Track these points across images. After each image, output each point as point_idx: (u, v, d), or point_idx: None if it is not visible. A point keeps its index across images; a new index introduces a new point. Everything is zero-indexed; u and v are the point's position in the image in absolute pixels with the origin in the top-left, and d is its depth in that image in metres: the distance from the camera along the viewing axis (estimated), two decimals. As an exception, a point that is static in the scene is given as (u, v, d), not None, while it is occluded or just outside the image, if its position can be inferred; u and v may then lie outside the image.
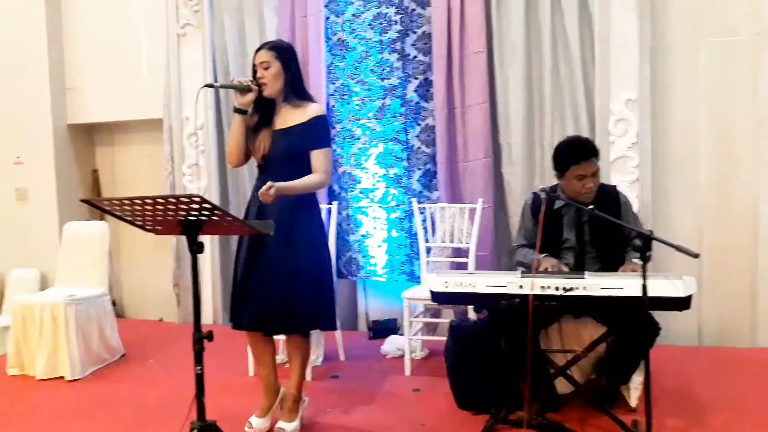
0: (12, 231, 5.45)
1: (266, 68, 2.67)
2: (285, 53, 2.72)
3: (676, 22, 4.01)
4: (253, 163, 2.88)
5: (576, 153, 2.82)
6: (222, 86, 2.86)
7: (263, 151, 2.70)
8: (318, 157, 2.70)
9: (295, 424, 2.75)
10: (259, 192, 2.54)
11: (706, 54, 3.98)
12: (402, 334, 3.84)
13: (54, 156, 5.32)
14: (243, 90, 2.67)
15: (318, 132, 2.72)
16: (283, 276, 2.64)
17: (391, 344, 4.01)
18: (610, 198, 2.92)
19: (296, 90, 2.74)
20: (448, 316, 3.85)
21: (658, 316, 2.80)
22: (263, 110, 2.74)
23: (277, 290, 2.63)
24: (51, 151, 5.31)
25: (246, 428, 2.76)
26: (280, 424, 2.73)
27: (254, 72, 2.71)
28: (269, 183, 2.52)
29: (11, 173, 5.42)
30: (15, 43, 5.33)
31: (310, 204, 2.79)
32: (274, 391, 2.83)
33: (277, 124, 2.73)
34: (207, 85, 2.78)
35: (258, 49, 2.74)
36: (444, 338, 3.18)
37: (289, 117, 2.71)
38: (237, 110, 2.71)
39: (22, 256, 5.36)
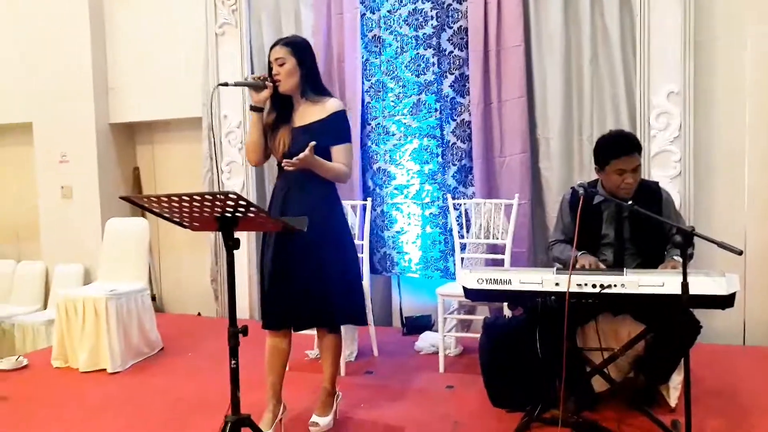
0: (57, 228, 5.62)
1: (281, 64, 2.62)
2: (300, 49, 2.68)
3: (721, 12, 3.89)
4: None
5: (617, 147, 2.75)
6: (236, 84, 2.78)
7: (283, 149, 2.65)
8: (340, 153, 2.67)
9: (329, 418, 2.75)
10: (285, 160, 2.53)
11: (752, 44, 3.86)
12: (436, 331, 3.82)
13: (97, 154, 5.47)
14: (257, 87, 2.64)
15: (338, 127, 2.69)
16: (312, 272, 2.62)
17: (425, 341, 3.99)
18: (651, 194, 2.84)
19: (313, 85, 2.70)
20: (482, 312, 3.82)
21: (700, 314, 2.73)
22: (281, 107, 2.71)
23: (306, 287, 2.61)
24: (94, 150, 5.46)
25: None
26: (314, 418, 2.73)
27: (270, 69, 2.68)
28: (303, 153, 2.50)
29: (57, 171, 5.59)
30: (60, 46, 5.49)
31: (333, 201, 2.75)
32: (278, 402, 2.74)
33: (296, 121, 2.69)
34: (221, 84, 2.76)
35: (273, 46, 2.69)
36: (478, 335, 3.15)
37: (307, 113, 2.67)
38: (253, 108, 2.69)
39: (66, 252, 5.53)
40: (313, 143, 2.52)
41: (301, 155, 2.51)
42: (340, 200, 2.83)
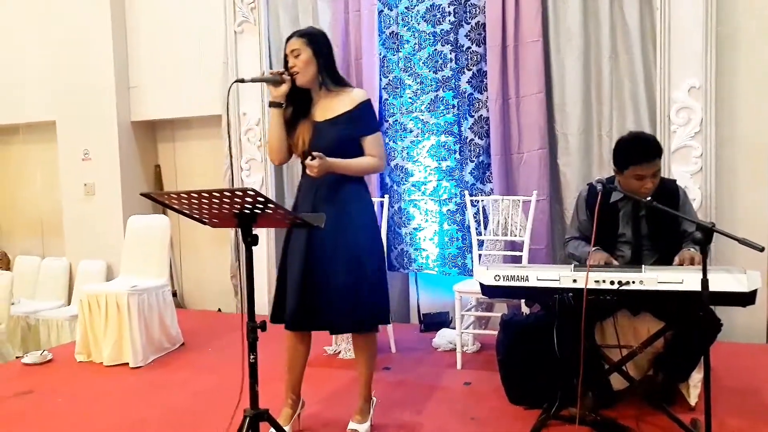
0: (80, 225, 5.72)
1: (297, 56, 2.53)
2: (316, 39, 2.58)
3: (744, 4, 3.83)
4: None
5: (637, 153, 2.67)
6: (253, 80, 2.67)
7: (303, 146, 2.55)
8: (372, 143, 2.58)
9: (367, 425, 2.69)
10: (306, 162, 2.43)
11: (776, 37, 3.79)
12: (453, 328, 3.82)
13: (119, 152, 5.55)
14: (275, 82, 2.54)
15: (368, 117, 2.61)
16: (349, 269, 2.52)
17: (442, 337, 4.00)
18: (669, 192, 2.80)
19: (332, 76, 2.59)
20: (500, 309, 3.81)
21: (722, 311, 2.69)
22: (298, 102, 2.60)
23: (344, 285, 2.51)
24: (116, 148, 5.54)
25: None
26: (352, 425, 2.67)
27: (285, 62, 2.58)
28: (316, 153, 2.40)
29: (80, 169, 5.68)
30: (82, 45, 5.58)
31: (363, 196, 2.68)
32: (297, 398, 2.73)
33: (317, 115, 2.58)
34: (237, 81, 2.60)
35: (288, 38, 2.60)
36: (496, 332, 3.15)
37: (331, 106, 2.57)
38: (272, 104, 2.58)
39: (89, 249, 5.63)
40: (317, 154, 2.42)
41: (313, 166, 2.42)
42: (370, 195, 2.74)
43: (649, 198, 2.58)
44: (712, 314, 2.56)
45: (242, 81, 2.57)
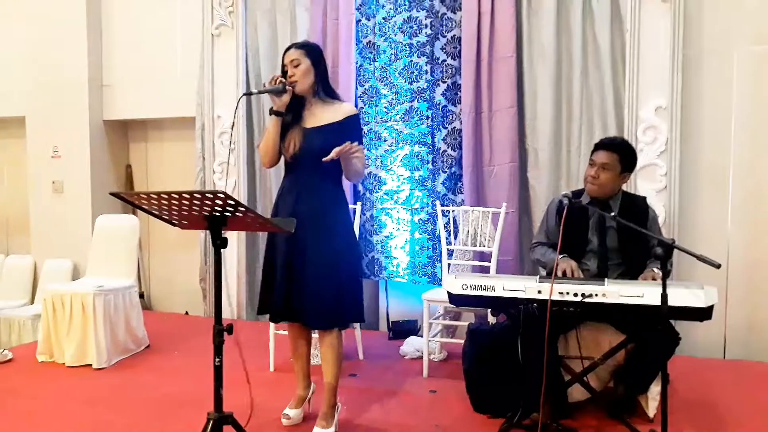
0: (47, 222, 5.62)
1: (296, 66, 2.71)
2: (313, 51, 2.78)
3: (709, 29, 3.97)
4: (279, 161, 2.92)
5: (599, 142, 2.98)
6: (260, 92, 2.84)
7: (294, 150, 2.72)
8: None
9: (332, 429, 2.74)
10: (338, 149, 2.55)
11: (740, 62, 3.93)
12: (421, 336, 3.85)
13: (90, 150, 5.48)
14: (280, 92, 2.70)
15: (355, 130, 2.77)
16: (325, 270, 2.66)
17: (410, 345, 4.03)
18: (637, 208, 2.91)
19: (326, 87, 2.79)
20: (468, 319, 3.86)
21: (681, 326, 2.77)
22: (292, 108, 2.77)
23: (320, 284, 2.66)
24: (87, 146, 5.47)
25: (283, 420, 2.82)
26: (317, 430, 2.72)
27: (283, 72, 2.76)
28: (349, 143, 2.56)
29: (49, 166, 5.59)
30: (55, 41, 5.50)
31: (342, 201, 2.83)
32: (308, 384, 2.93)
33: (307, 121, 2.76)
34: (246, 94, 2.85)
35: (287, 49, 2.79)
36: (463, 341, 3.19)
37: (321, 115, 2.74)
38: (275, 112, 2.74)
39: (56, 247, 5.53)
40: (355, 143, 2.61)
41: (346, 147, 2.56)
42: (347, 200, 2.93)
43: (614, 213, 2.65)
44: (671, 328, 2.63)
45: (250, 94, 2.84)
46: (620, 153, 2.87)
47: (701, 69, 3.98)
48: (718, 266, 2.22)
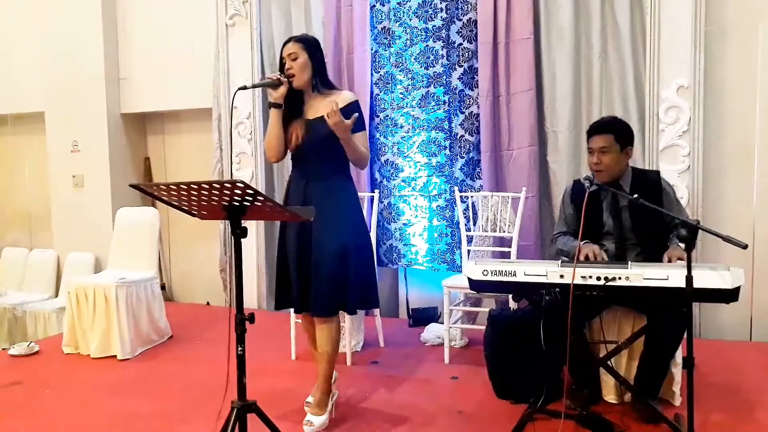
0: (69, 216, 5.69)
1: (294, 59, 2.73)
2: (311, 45, 2.79)
3: (732, 3, 3.86)
4: None
5: (590, 127, 2.92)
6: (255, 86, 2.87)
7: (297, 141, 2.75)
8: (358, 140, 2.76)
9: (324, 417, 2.73)
10: (327, 113, 2.58)
11: (765, 36, 3.83)
12: (442, 323, 3.84)
13: (108, 144, 5.53)
14: (274, 85, 2.72)
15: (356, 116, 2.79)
16: (329, 258, 2.69)
17: (430, 332, 4.02)
18: (650, 184, 2.84)
19: (323, 80, 2.81)
20: (488, 304, 3.83)
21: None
22: (291, 102, 2.79)
23: (323, 273, 2.69)
24: (105, 140, 5.52)
25: (306, 407, 2.82)
26: (309, 417, 2.72)
27: (281, 65, 2.78)
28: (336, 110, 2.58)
29: (69, 161, 5.65)
30: (72, 36, 5.54)
31: (349, 189, 2.85)
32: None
33: (309, 113, 2.78)
34: (240, 88, 2.75)
35: (285, 43, 2.81)
36: (483, 327, 3.17)
37: (321, 105, 2.73)
38: (273, 105, 2.76)
39: (78, 241, 5.60)
40: (356, 115, 2.67)
41: (344, 120, 2.60)
42: (356, 188, 2.94)
43: (636, 195, 2.59)
44: (681, 308, 2.56)
45: (245, 88, 2.73)
46: (614, 132, 2.82)
47: (725, 45, 3.89)
48: (745, 246, 2.17)
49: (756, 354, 3.61)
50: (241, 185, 1.96)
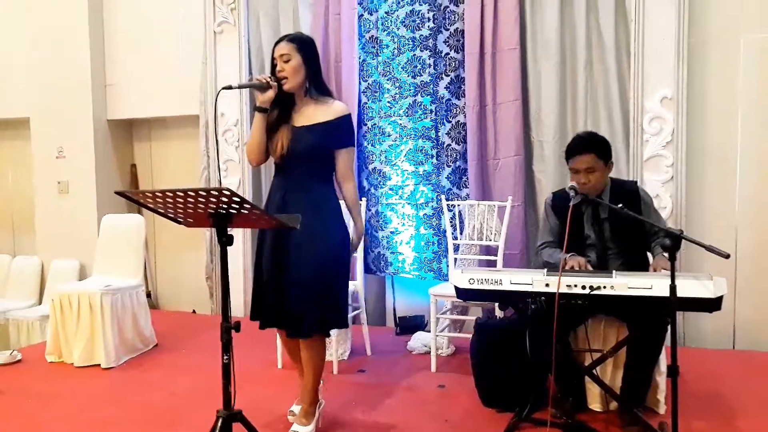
0: (53, 223, 5.63)
1: (286, 61, 2.53)
2: (306, 46, 2.59)
3: (715, 17, 3.93)
4: None
5: (570, 147, 2.85)
6: (241, 86, 2.69)
7: (281, 150, 2.57)
8: (345, 157, 2.63)
9: (311, 427, 2.66)
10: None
11: (746, 49, 3.90)
12: (429, 331, 3.84)
13: (94, 150, 5.48)
14: (263, 88, 2.54)
15: (346, 131, 2.64)
16: (307, 277, 2.53)
17: (417, 340, 4.02)
18: (628, 194, 2.84)
19: (317, 85, 2.61)
20: (475, 313, 3.85)
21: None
22: (280, 105, 2.61)
23: (301, 294, 2.54)
24: (91, 146, 5.47)
25: (289, 416, 2.79)
26: (295, 427, 2.65)
27: (273, 66, 2.59)
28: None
29: (54, 167, 5.59)
30: (58, 41, 5.50)
31: (331, 202, 2.66)
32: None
33: (297, 120, 2.60)
34: (225, 88, 2.55)
35: (278, 42, 2.59)
36: (470, 335, 3.18)
37: (312, 113, 2.59)
38: (258, 109, 2.58)
39: (62, 248, 5.54)
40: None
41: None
42: (339, 201, 2.74)
43: (621, 205, 2.62)
44: (662, 315, 2.58)
45: (230, 88, 2.54)
46: (595, 150, 2.78)
47: (707, 58, 3.95)
48: (727, 256, 2.20)
49: (738, 362, 3.65)
50: (227, 193, 1.95)
